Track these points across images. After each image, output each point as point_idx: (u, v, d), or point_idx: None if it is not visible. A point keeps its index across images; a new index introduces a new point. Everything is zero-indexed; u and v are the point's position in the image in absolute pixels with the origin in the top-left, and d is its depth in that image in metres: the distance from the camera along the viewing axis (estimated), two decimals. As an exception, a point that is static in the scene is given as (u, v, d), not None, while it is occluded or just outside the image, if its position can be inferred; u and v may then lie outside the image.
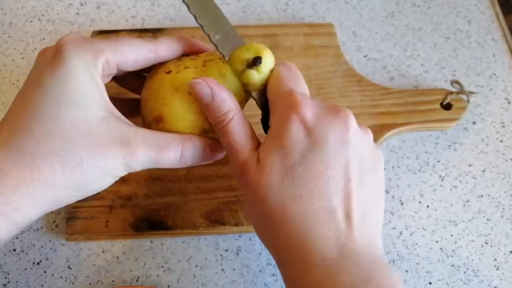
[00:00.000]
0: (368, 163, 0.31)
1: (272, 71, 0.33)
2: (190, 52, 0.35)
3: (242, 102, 0.34)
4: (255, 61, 0.31)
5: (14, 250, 0.39)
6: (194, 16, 0.33)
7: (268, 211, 0.30)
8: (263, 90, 0.33)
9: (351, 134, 0.30)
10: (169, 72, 0.33)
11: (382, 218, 0.32)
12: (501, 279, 0.40)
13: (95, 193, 0.31)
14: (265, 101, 0.33)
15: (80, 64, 0.29)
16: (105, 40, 0.32)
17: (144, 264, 0.39)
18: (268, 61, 0.32)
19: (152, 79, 0.34)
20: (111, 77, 0.34)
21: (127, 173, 0.31)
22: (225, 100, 0.31)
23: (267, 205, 0.30)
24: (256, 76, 0.32)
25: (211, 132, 0.34)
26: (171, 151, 0.32)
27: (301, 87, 0.33)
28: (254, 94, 0.33)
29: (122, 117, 0.31)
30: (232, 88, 0.32)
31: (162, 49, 0.34)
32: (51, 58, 0.30)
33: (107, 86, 0.32)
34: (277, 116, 0.31)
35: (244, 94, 0.33)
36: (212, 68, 0.33)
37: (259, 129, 0.34)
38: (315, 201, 0.29)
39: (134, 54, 0.32)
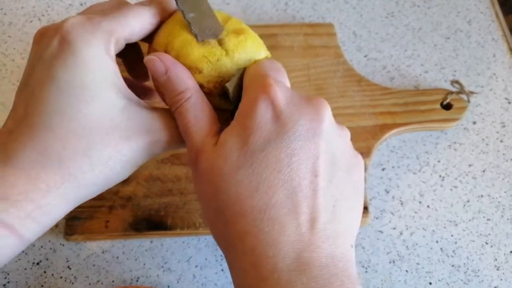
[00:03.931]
0: (342, 162, 0.27)
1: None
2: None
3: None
4: None
5: (14, 250, 0.39)
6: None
7: (221, 205, 0.26)
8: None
9: (325, 125, 0.27)
10: None
11: (356, 228, 0.28)
12: (501, 279, 0.40)
13: (115, 184, 0.30)
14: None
15: (91, 52, 0.27)
16: (110, 16, 0.29)
17: (144, 264, 0.39)
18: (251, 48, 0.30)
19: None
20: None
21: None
22: (181, 78, 0.28)
23: (221, 197, 0.26)
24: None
25: None
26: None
27: (281, 76, 0.29)
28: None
29: (141, 101, 0.30)
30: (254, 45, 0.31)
31: (162, 10, 0.31)
32: (57, 48, 0.27)
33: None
34: (247, 99, 0.28)
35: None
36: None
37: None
38: (274, 194, 0.25)
39: (140, 24, 0.30)
